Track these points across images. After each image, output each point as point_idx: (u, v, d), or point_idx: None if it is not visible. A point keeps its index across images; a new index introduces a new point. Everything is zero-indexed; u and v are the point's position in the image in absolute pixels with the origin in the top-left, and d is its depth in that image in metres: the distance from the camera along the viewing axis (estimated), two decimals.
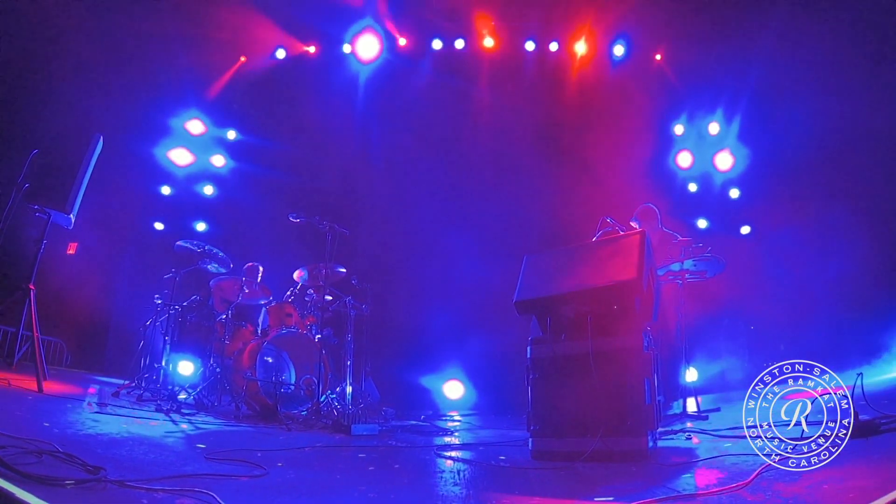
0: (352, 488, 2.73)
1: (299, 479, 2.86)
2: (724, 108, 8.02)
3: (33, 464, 2.39)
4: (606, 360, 3.46)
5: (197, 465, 2.96)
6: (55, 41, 7.10)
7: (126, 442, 3.33)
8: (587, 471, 3.13)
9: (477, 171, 8.20)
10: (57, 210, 5.36)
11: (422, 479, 3.08)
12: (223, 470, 2.86)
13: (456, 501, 2.54)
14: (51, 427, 3.29)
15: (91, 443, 3.10)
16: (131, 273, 7.90)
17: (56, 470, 2.37)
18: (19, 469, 2.20)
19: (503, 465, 3.54)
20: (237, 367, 5.55)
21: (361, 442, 4.35)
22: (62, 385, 5.39)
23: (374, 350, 6.71)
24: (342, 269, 6.05)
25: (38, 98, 6.99)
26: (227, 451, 3.36)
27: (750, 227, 7.98)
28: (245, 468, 2.94)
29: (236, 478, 2.74)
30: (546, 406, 3.60)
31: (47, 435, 2.97)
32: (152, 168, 8.13)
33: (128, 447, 3.19)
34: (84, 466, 2.47)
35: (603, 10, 8.20)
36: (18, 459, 2.33)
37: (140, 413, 4.60)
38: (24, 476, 2.16)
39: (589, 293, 3.68)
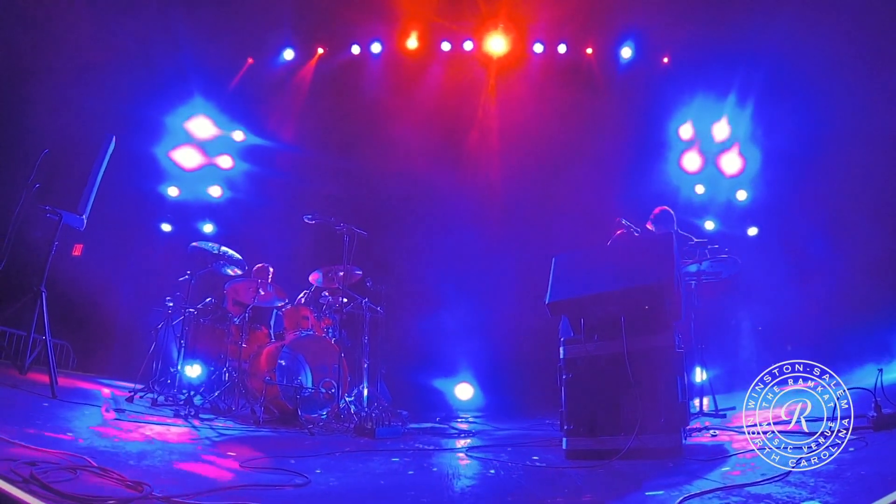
0: (402, 494, 2.70)
1: (344, 487, 2.83)
2: (731, 109, 8.08)
3: (69, 480, 2.29)
4: (639, 359, 3.51)
5: (235, 475, 2.91)
6: (59, 40, 6.99)
7: (156, 452, 3.27)
8: (625, 468, 3.15)
9: (490, 176, 8.18)
10: (69, 211, 5.27)
11: (466, 483, 3.05)
12: (263, 479, 2.81)
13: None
14: (75, 437, 3.22)
15: (121, 454, 3.03)
16: (137, 275, 7.78)
17: (95, 488, 2.28)
18: (58, 489, 2.11)
19: (539, 465, 3.54)
20: (254, 371, 5.49)
21: (387, 445, 4.31)
22: (73, 389, 5.30)
23: (387, 352, 6.67)
24: (359, 272, 6.00)
25: (42, 98, 6.87)
26: (261, 458, 3.32)
27: (757, 229, 8.04)
28: (285, 477, 2.89)
29: (280, 487, 2.70)
30: (580, 405, 3.63)
31: (74, 446, 2.92)
32: (158, 169, 8.03)
33: (159, 458, 3.13)
34: (123, 482, 2.40)
35: (611, 12, 8.26)
36: (53, 476, 2.25)
37: (159, 419, 4.55)
38: (65, 497, 2.07)
39: (623, 294, 3.72)
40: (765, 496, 2.32)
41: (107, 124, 6.26)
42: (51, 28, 6.78)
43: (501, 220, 8.30)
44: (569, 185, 7.88)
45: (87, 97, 6.87)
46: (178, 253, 7.85)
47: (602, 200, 7.60)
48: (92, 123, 6.40)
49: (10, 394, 4.22)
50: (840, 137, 6.84)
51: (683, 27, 8.00)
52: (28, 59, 6.79)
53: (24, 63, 6.77)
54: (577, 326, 3.87)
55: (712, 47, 7.97)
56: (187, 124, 8.14)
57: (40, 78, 6.69)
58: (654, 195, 7.90)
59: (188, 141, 8.20)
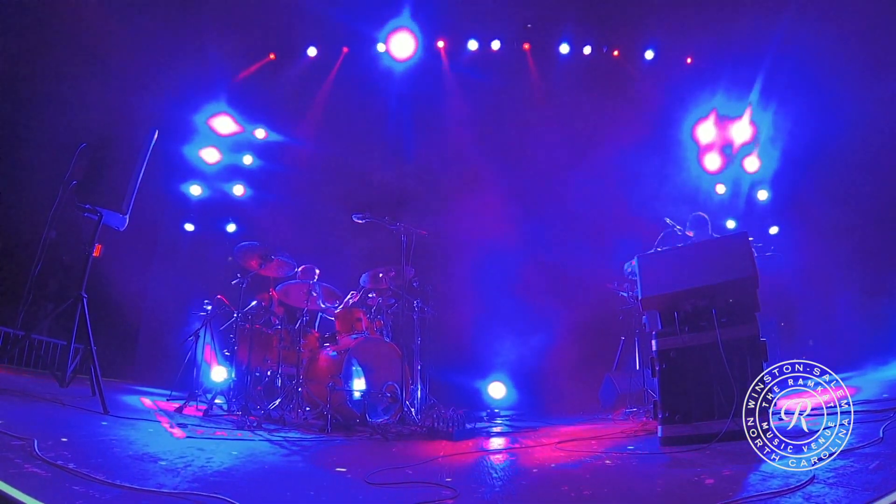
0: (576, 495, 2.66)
1: (504, 496, 2.73)
2: (753, 109, 8.28)
3: None
4: (728, 348, 3.71)
5: (371, 495, 2.78)
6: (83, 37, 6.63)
7: (259, 473, 3.13)
8: (729, 449, 3.22)
9: (523, 177, 8.18)
10: (112, 210, 5.02)
11: (614, 476, 3.06)
12: (408, 497, 2.69)
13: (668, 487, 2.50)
14: (169, 465, 2.96)
15: (238, 483, 2.83)
16: (161, 276, 7.48)
17: None
18: None
19: (639, 452, 3.64)
20: (312, 377, 5.34)
21: (472, 447, 4.26)
22: (112, 400, 4.98)
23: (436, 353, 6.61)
24: (411, 271, 5.91)
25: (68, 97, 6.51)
26: (376, 471, 3.17)
27: (778, 228, 8.28)
28: (428, 491, 2.76)
29: (440, 502, 2.59)
30: (674, 394, 3.80)
31: (182, 479, 2.70)
32: (182, 167, 7.74)
33: (271, 482, 3.00)
34: None
35: (634, 15, 8.36)
36: None
37: (227, 432, 4.35)
38: None
39: (714, 288, 3.93)
40: (877, 454, 2.47)
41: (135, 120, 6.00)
42: (75, 25, 6.42)
43: (527, 218, 8.31)
44: (600, 187, 7.95)
45: (111, 94, 6.56)
46: (203, 254, 7.61)
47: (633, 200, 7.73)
48: (118, 120, 6.12)
49: (61, 413, 3.93)
50: (866, 133, 7.07)
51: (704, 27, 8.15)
52: (54, 57, 6.42)
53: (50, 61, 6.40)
54: (669, 319, 4.02)
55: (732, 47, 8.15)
56: (211, 121, 7.86)
57: (65, 75, 6.35)
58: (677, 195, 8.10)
59: (211, 139, 7.92)
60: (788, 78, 7.93)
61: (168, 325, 7.13)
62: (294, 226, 7.60)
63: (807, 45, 7.55)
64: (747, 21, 7.87)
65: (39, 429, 3.07)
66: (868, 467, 2.43)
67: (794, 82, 7.91)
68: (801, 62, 7.71)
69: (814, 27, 7.38)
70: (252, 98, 8.06)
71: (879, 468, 2.40)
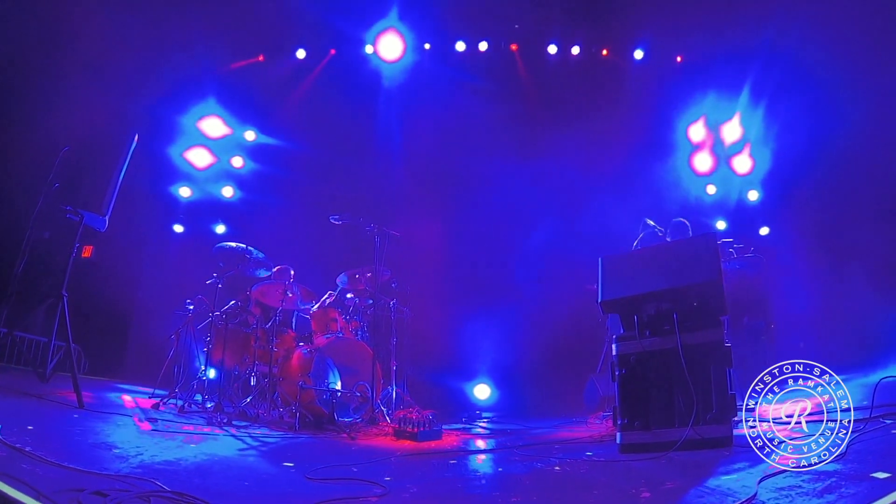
0: (489, 497, 2.66)
1: (426, 494, 2.77)
2: (743, 109, 8.17)
3: None
4: (691, 353, 3.62)
5: (305, 489, 2.83)
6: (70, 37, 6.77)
7: (213, 467, 3.19)
8: (686, 458, 3.19)
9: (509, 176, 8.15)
10: (92, 212, 5.12)
11: (541, 480, 3.02)
12: (339, 492, 2.72)
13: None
14: (123, 453, 3.10)
15: (180, 472, 2.92)
16: (150, 276, 7.61)
17: None
18: None
19: (600, 459, 3.57)
20: (285, 376, 5.40)
21: (435, 448, 4.27)
22: (92, 396, 5.11)
23: (410, 353, 6.62)
24: (387, 273, 5.94)
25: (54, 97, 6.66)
26: (322, 467, 3.22)
27: (769, 228, 8.16)
28: (360, 487, 2.81)
29: (364, 499, 2.63)
30: (633, 400, 3.72)
31: (129, 465, 2.82)
32: (170, 169, 7.86)
33: (222, 474, 3.05)
34: None
35: (623, 13, 8.29)
36: None
37: (194, 427, 4.44)
38: None
39: (676, 291, 3.82)
40: (832, 472, 2.39)
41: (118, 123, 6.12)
42: (62, 25, 6.56)
43: (514, 219, 8.28)
44: (584, 188, 7.90)
45: (99, 95, 6.68)
46: (192, 254, 7.71)
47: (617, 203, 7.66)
48: (104, 122, 6.24)
49: (38, 406, 4.11)
50: (860, 133, 6.94)
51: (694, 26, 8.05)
52: (39, 57, 6.56)
53: (35, 61, 6.54)
54: (629, 323, 3.94)
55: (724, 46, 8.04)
56: (200, 124, 7.96)
57: (51, 76, 6.48)
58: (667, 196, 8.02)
59: (200, 140, 8.03)
60: (780, 77, 7.81)
61: (157, 325, 7.23)
62: (276, 226, 7.66)
63: (798, 44, 7.44)
64: (738, 19, 7.77)
65: (9, 418, 3.20)
66: (816, 489, 2.33)
67: (786, 81, 7.79)
68: (793, 61, 7.59)
69: (805, 25, 7.27)
70: (241, 99, 8.15)
71: (828, 490, 2.29)
